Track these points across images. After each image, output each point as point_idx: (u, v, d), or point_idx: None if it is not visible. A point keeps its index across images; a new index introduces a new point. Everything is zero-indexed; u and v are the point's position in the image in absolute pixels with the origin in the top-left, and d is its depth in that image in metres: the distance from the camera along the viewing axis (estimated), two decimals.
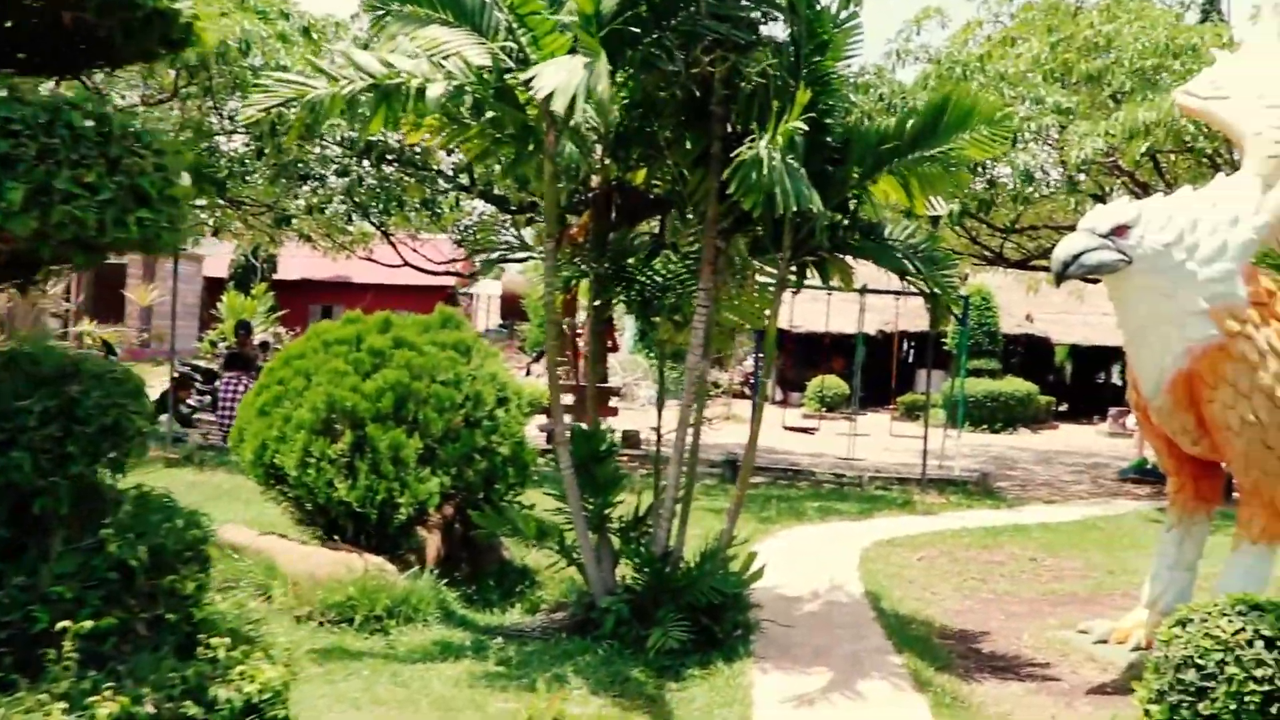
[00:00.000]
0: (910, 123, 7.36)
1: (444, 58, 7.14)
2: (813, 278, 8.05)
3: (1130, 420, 30.63)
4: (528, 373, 31.35)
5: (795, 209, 6.57)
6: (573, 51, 6.79)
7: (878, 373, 28.16)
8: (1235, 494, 8.12)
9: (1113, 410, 32.20)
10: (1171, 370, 7.45)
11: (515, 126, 7.47)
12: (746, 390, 32.33)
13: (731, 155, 6.73)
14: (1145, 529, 13.42)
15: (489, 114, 7.42)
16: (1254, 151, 8.42)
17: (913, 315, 23.20)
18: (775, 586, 9.33)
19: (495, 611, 8.32)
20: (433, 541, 9.02)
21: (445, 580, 8.40)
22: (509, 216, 20.25)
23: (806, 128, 6.69)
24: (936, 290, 8.06)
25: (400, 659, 7.07)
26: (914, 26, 18.39)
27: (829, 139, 7.36)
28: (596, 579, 7.85)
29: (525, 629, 7.89)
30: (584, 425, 8.32)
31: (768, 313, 8.14)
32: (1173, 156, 16.33)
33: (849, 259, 7.97)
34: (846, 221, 7.70)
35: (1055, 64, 15.92)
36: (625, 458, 16.10)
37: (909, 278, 7.90)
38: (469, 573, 8.95)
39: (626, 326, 32.15)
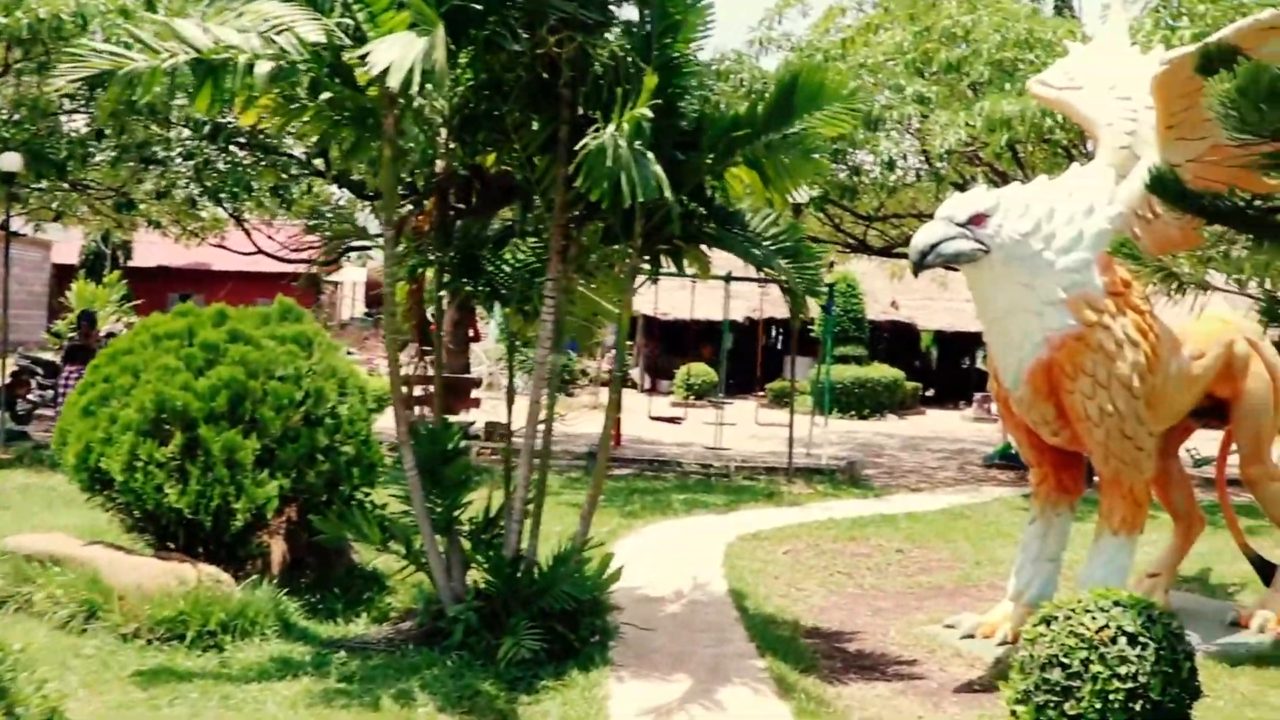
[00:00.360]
0: (762, 105, 7.13)
1: (276, 33, 6.71)
2: (675, 267, 7.78)
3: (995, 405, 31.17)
4: None
5: (644, 198, 6.29)
6: (413, 28, 6.43)
7: (746, 360, 28.19)
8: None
9: (978, 395, 32.68)
10: (1031, 360, 7.36)
11: (354, 108, 7.07)
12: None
13: (579, 143, 6.43)
14: (1011, 517, 13.47)
15: (326, 94, 7.00)
16: (1107, 142, 8.40)
17: (780, 302, 23.00)
18: (637, 587, 9.07)
19: (340, 621, 7.88)
20: (277, 547, 8.56)
21: (289, 589, 7.95)
22: (367, 202, 19.71)
23: (653, 114, 6.41)
24: (795, 283, 7.86)
25: (234, 679, 6.62)
26: (776, 14, 18.30)
27: (681, 124, 7.09)
28: (445, 586, 7.50)
29: (370, 640, 7.49)
30: (446, 418, 7.98)
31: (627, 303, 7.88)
32: (1030, 147, 16.44)
33: (706, 248, 7.72)
34: (702, 210, 7.45)
35: (916, 53, 15.93)
36: (489, 451, 15.76)
37: (767, 269, 7.69)
38: (315, 579, 8.51)
39: (496, 314, 31.68)
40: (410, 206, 9.59)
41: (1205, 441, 10.73)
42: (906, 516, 13.27)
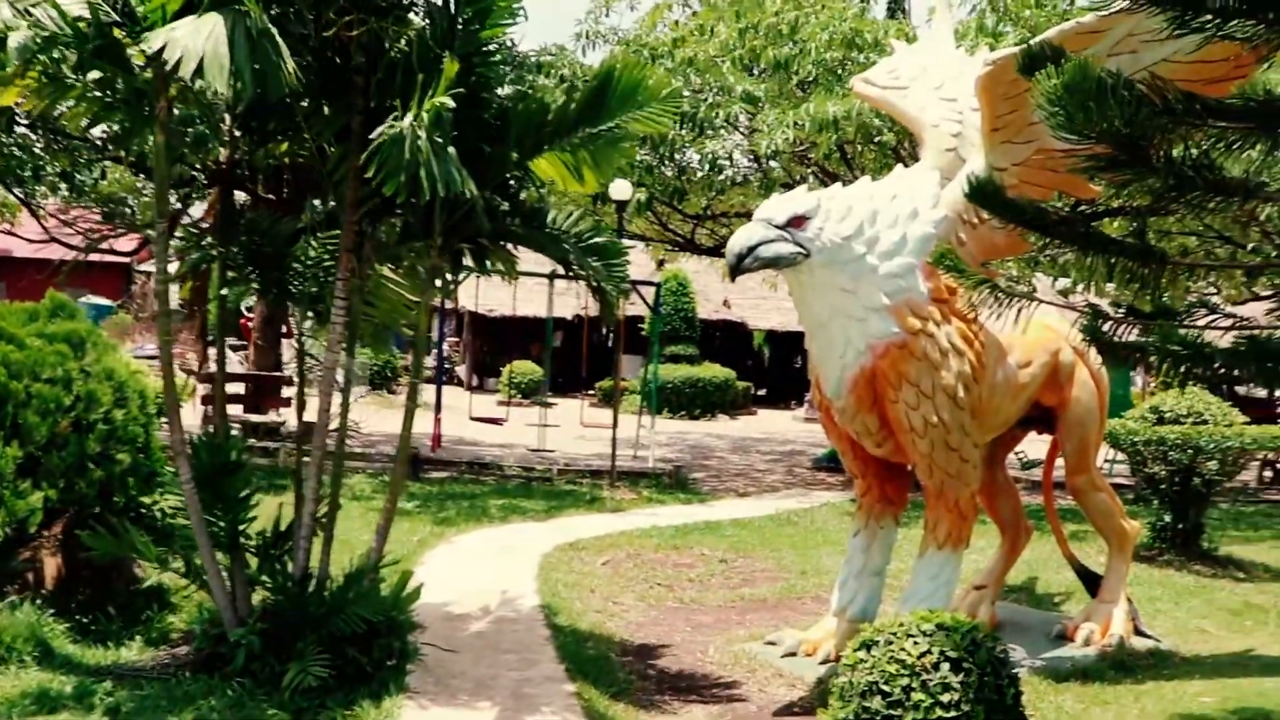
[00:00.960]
0: (575, 100, 6.70)
1: (33, 4, 6.01)
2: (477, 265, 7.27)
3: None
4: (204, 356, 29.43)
5: (445, 193, 5.77)
6: (188, 8, 5.83)
7: (575, 358, 27.77)
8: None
9: (808, 395, 32.85)
10: (854, 368, 7.06)
11: (127, 90, 6.40)
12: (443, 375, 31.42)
13: (373, 133, 5.88)
14: (838, 523, 13.29)
15: (94, 74, 6.31)
16: (932, 144, 8.18)
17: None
18: (444, 603, 8.56)
19: (114, 645, 7.17)
20: (51, 563, 7.79)
21: (60, 609, 7.24)
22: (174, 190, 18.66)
23: (456, 105, 5.89)
24: (603, 280, 7.44)
25: None
26: (603, 7, 17.88)
27: (487, 115, 6.59)
28: (227, 606, 6.87)
29: (143, 668, 6.82)
30: (255, 418, 7.31)
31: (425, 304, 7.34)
32: (859, 148, 16.35)
33: (512, 246, 7.24)
34: (507, 206, 6.96)
35: (744, 51, 15.68)
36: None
37: (574, 269, 7.24)
38: (91, 598, 7.75)
39: None
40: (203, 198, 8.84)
41: (1033, 444, 10.63)
42: (732, 523, 12.97)
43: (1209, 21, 4.74)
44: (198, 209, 18.41)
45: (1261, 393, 26.09)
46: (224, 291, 7.16)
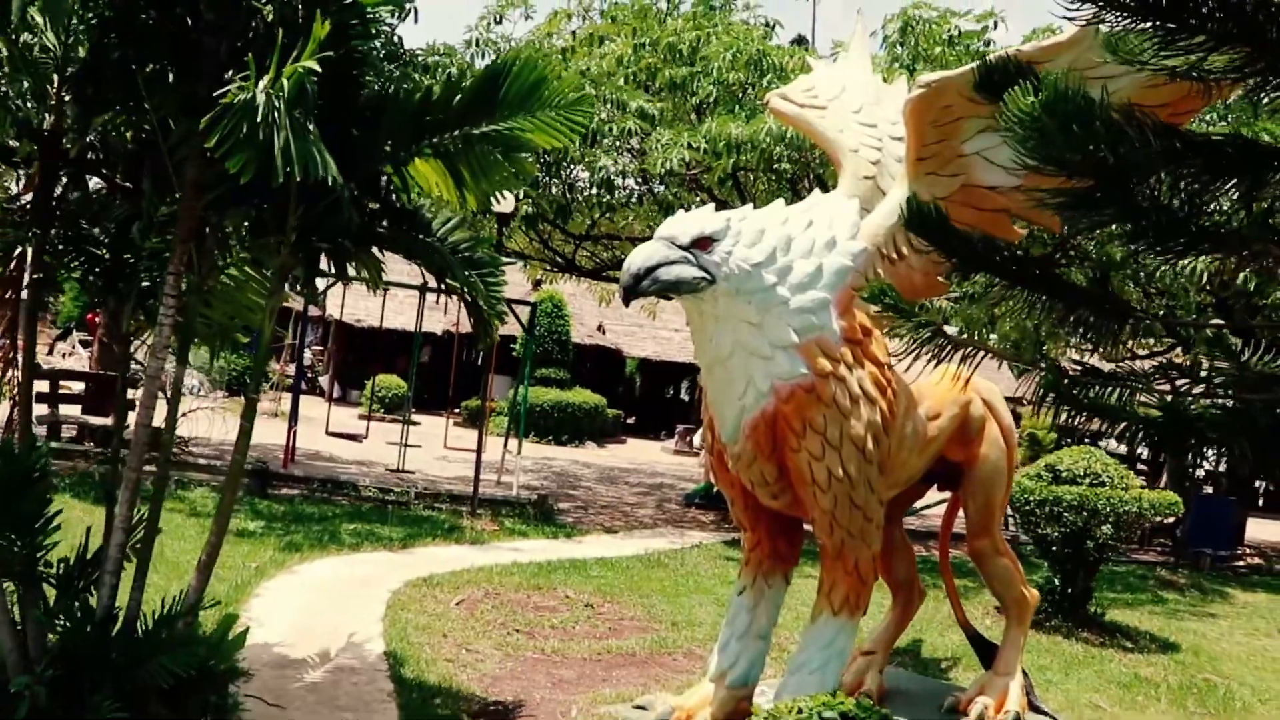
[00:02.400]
0: (463, 90, 5.85)
1: None
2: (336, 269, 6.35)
3: (698, 439, 30.77)
4: (50, 350, 27.78)
5: (303, 178, 4.88)
6: None
7: (443, 375, 26.74)
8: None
9: (680, 427, 32.29)
10: (754, 411, 6.31)
11: None
12: (303, 383, 30.12)
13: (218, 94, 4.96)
14: (712, 568, 12.58)
15: None
16: (850, 170, 7.50)
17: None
18: (278, 644, 7.62)
19: None
20: None
21: None
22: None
23: (324, 79, 5.01)
24: (478, 299, 6.61)
25: None
26: (497, 13, 17.05)
27: (360, 97, 5.71)
28: (13, 649, 5.86)
29: None
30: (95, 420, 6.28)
31: (271, 310, 6.40)
32: (754, 176, 15.76)
33: (380, 252, 6.34)
34: (376, 205, 6.08)
35: (640, 68, 14.99)
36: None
37: (449, 281, 6.39)
38: None
39: None
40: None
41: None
42: (599, 563, 12.13)
43: (1201, 43, 4.11)
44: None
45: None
46: (37, 277, 6.14)
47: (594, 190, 14.97)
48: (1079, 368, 4.81)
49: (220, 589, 8.73)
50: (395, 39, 6.41)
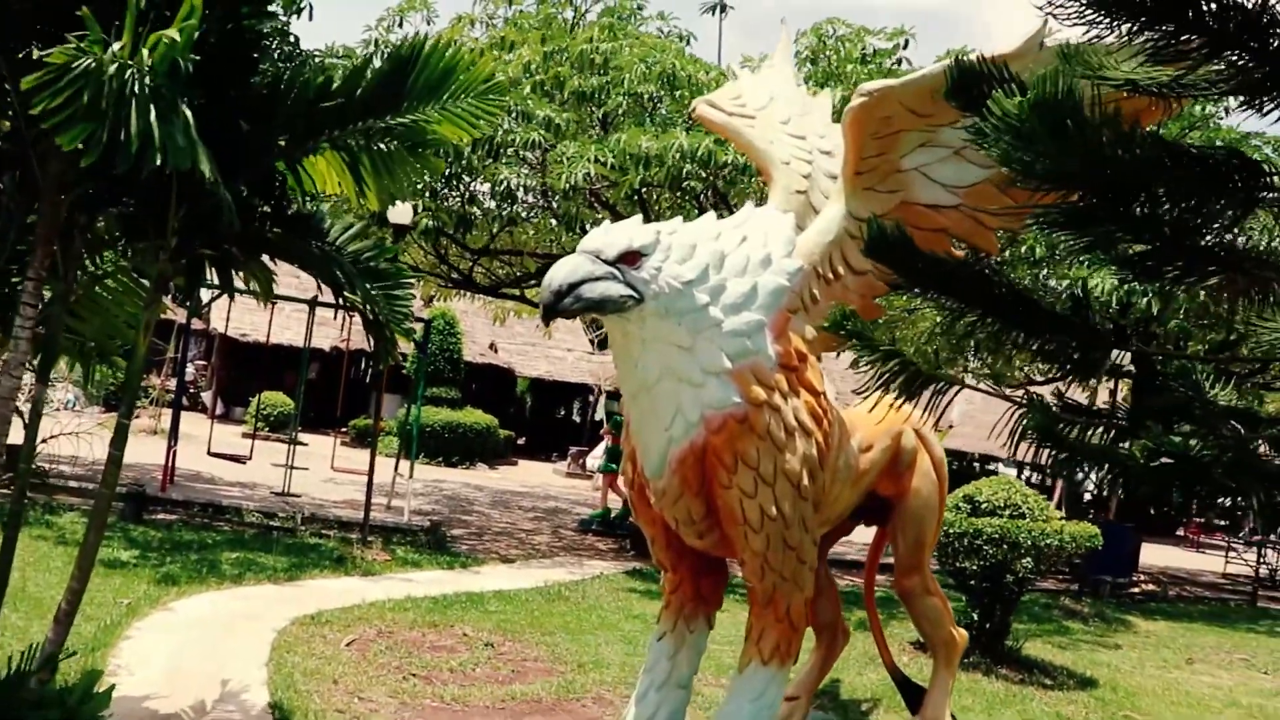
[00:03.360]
0: (366, 78, 5.23)
1: None
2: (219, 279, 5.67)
3: (592, 461, 30.16)
4: None
5: (173, 170, 4.23)
6: None
7: (331, 393, 25.84)
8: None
9: (572, 449, 31.71)
10: (682, 443, 5.77)
11: None
12: (185, 400, 28.94)
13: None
14: (615, 601, 12.01)
15: None
16: (781, 183, 7.04)
17: None
18: (150, 697, 6.90)
19: None
20: None
21: None
22: None
23: (204, 54, 4.37)
24: (380, 315, 5.99)
25: None
26: (397, 15, 16.39)
27: (250, 84, 5.08)
28: None
29: None
30: None
31: (148, 322, 5.70)
32: (658, 193, 15.28)
33: (272, 260, 5.69)
34: (268, 207, 5.43)
35: (547, 76, 14.44)
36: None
37: (346, 294, 5.76)
38: None
39: None
40: None
41: None
42: (497, 596, 11.47)
43: (1199, 50, 3.67)
44: None
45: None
46: None
47: (494, 203, 14.39)
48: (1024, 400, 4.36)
49: (88, 630, 7.95)
50: (291, 38, 5.74)
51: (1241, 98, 3.82)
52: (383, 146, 5.34)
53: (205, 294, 17.57)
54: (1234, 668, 13.20)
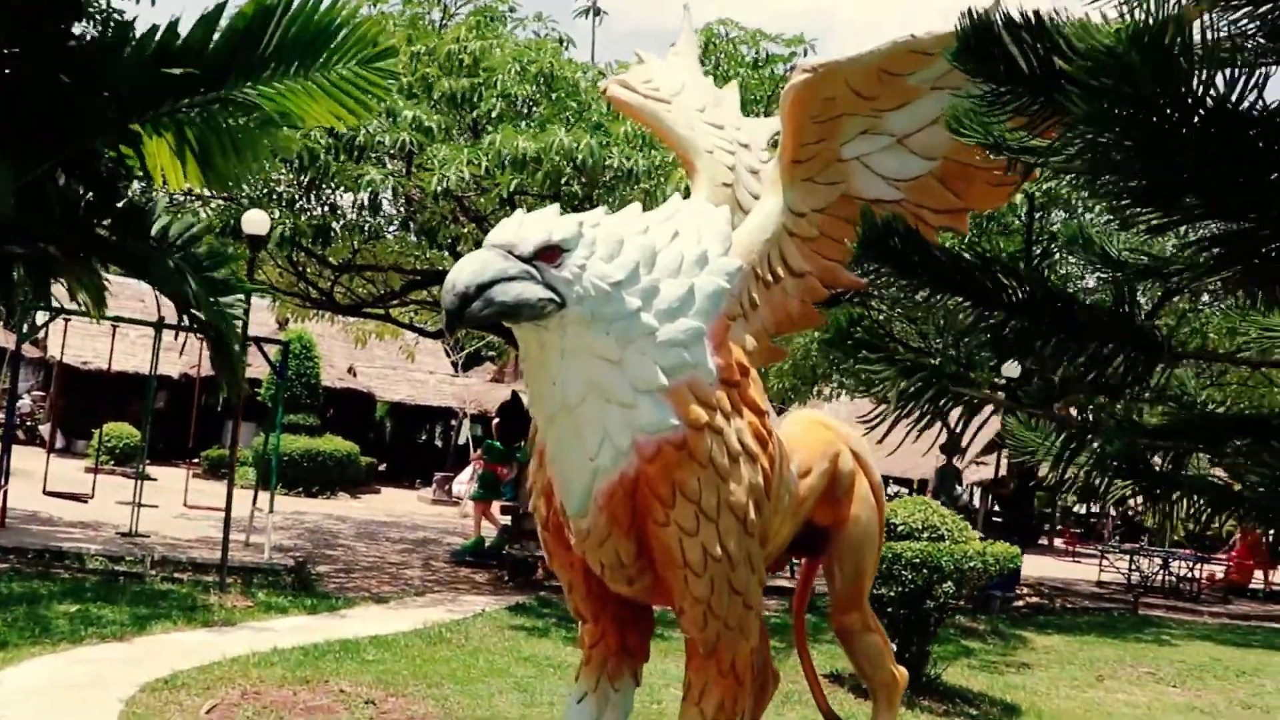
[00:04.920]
0: (220, 31, 4.25)
1: None
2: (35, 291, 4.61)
3: (458, 487, 29.00)
4: None
5: None
6: None
7: (181, 422, 24.29)
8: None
9: (437, 475, 30.56)
10: (610, 474, 4.88)
11: None
12: (20, 433, 27.05)
13: None
14: (501, 643, 11.00)
15: None
16: (705, 174, 6.19)
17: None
18: None
19: None
20: None
21: None
22: None
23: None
24: (219, 323, 5.02)
25: None
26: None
27: (72, 36, 4.06)
28: None
29: None
30: None
31: None
32: (531, 201, 14.40)
33: (101, 266, 4.66)
34: (93, 197, 4.41)
35: (414, 78, 13.46)
36: None
37: (193, 313, 4.75)
38: None
39: None
40: None
41: None
42: (374, 643, 10.35)
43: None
44: None
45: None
46: None
47: (357, 212, 13.35)
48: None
49: None
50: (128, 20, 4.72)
51: None
52: (236, 122, 4.35)
53: (41, 316, 16.18)
54: (1144, 683, 12.78)
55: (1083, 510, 44.32)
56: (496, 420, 22.86)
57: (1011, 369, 14.91)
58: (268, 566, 13.71)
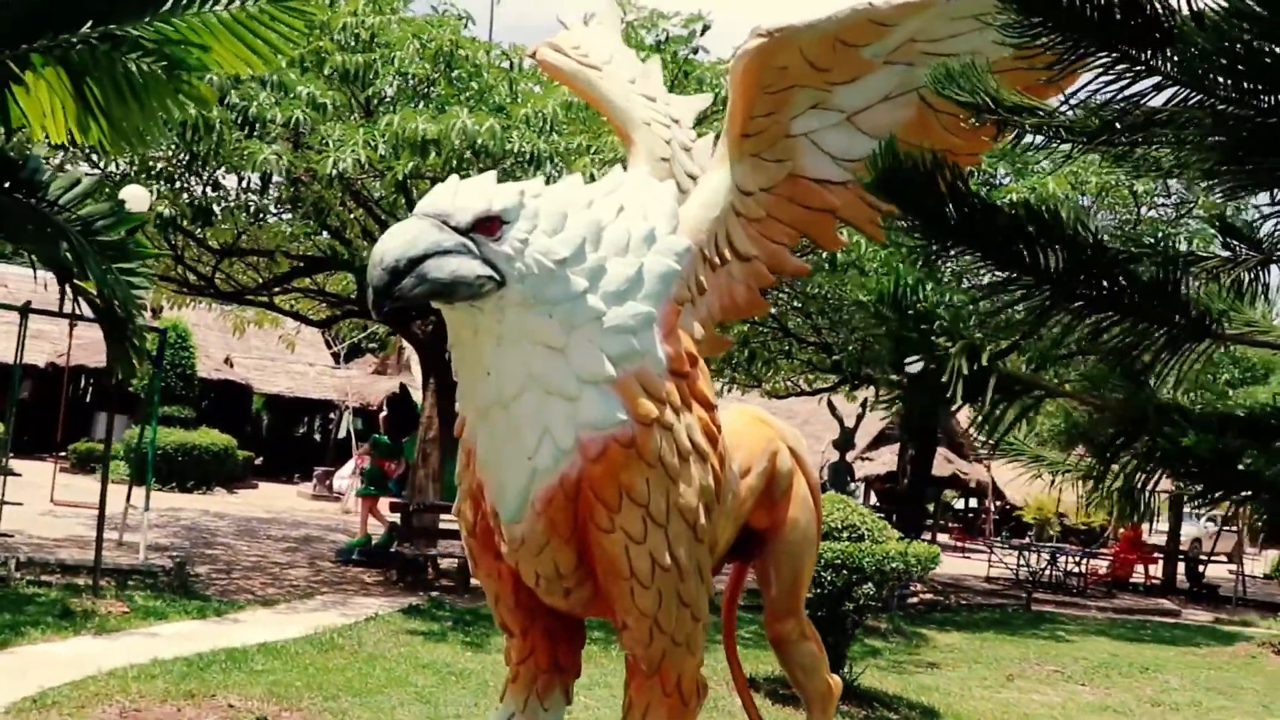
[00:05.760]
0: None
1: None
2: None
3: (340, 482, 28.12)
4: None
5: None
6: None
7: (48, 413, 23.10)
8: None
9: (317, 470, 29.64)
10: (550, 476, 4.38)
11: None
12: None
13: None
14: (397, 648, 10.40)
15: None
16: (643, 147, 5.69)
17: (95, 347, 18.76)
18: None
19: None
20: None
21: None
22: None
23: None
24: (120, 307, 4.42)
25: None
26: None
27: None
28: None
29: None
30: None
31: None
32: (425, 185, 13.79)
33: None
34: None
35: (306, 51, 12.73)
36: None
37: (77, 282, 4.15)
38: None
39: None
40: None
41: None
42: (263, 650, 9.66)
43: None
44: None
45: None
46: None
47: (242, 193, 12.64)
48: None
49: None
50: None
51: None
52: (135, 66, 3.76)
53: None
54: (1053, 682, 12.64)
55: (961, 506, 44.95)
56: (384, 414, 22.10)
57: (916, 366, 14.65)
58: (144, 568, 12.90)
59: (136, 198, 10.75)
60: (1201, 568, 27.27)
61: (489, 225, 4.12)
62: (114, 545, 13.70)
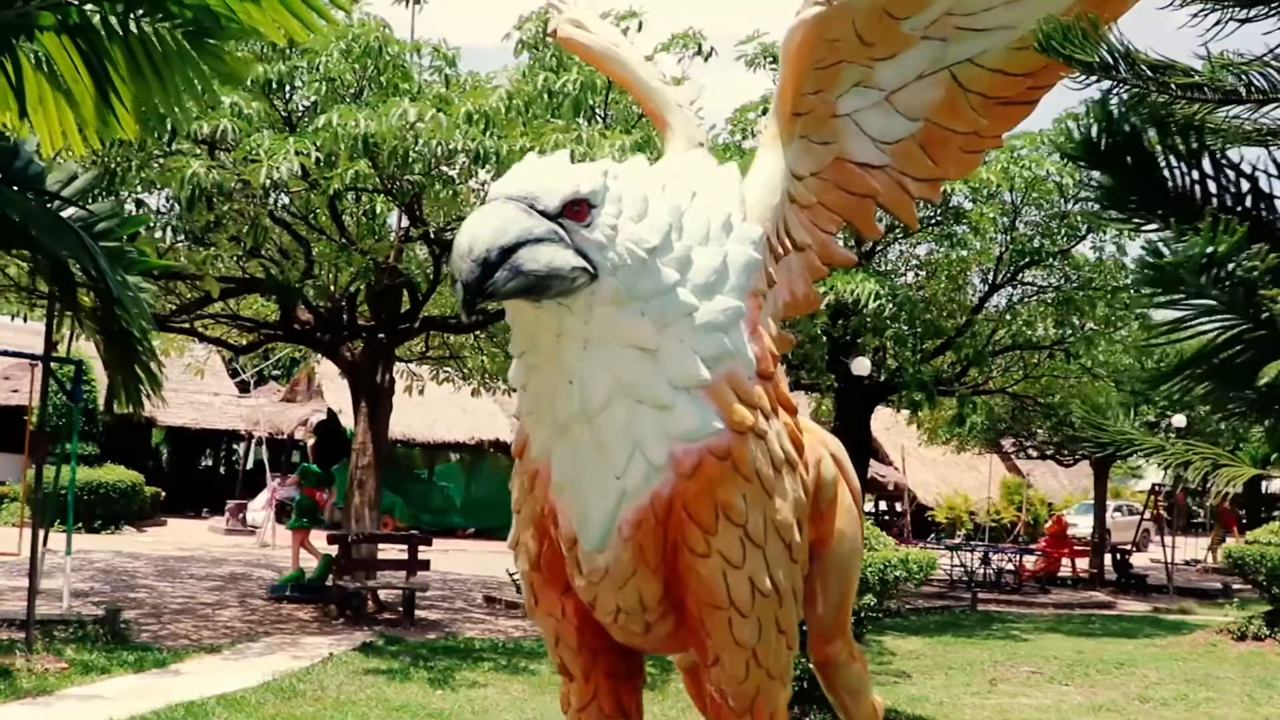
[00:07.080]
0: None
1: None
2: None
3: (255, 515, 27.03)
4: None
5: None
6: None
7: None
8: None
9: (230, 503, 28.53)
10: (641, 497, 3.84)
11: None
12: None
13: None
14: (364, 692, 9.69)
15: None
16: (681, 130, 5.19)
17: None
18: None
19: None
20: None
21: None
22: None
23: None
24: (132, 323, 3.81)
25: None
26: None
27: None
28: None
29: None
30: None
31: None
32: (369, 197, 13.15)
33: None
34: None
35: None
36: None
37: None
38: None
39: None
40: None
41: None
42: (222, 703, 8.87)
43: None
44: None
45: None
46: None
47: (172, 208, 11.91)
48: None
49: None
50: None
51: None
52: (152, 32, 3.16)
53: None
54: (1035, 684, 12.31)
55: (873, 510, 44.99)
56: (313, 441, 21.25)
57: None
58: (73, 617, 12.02)
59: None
60: (1128, 558, 27.46)
61: (577, 209, 3.58)
62: (33, 594, 12.75)
